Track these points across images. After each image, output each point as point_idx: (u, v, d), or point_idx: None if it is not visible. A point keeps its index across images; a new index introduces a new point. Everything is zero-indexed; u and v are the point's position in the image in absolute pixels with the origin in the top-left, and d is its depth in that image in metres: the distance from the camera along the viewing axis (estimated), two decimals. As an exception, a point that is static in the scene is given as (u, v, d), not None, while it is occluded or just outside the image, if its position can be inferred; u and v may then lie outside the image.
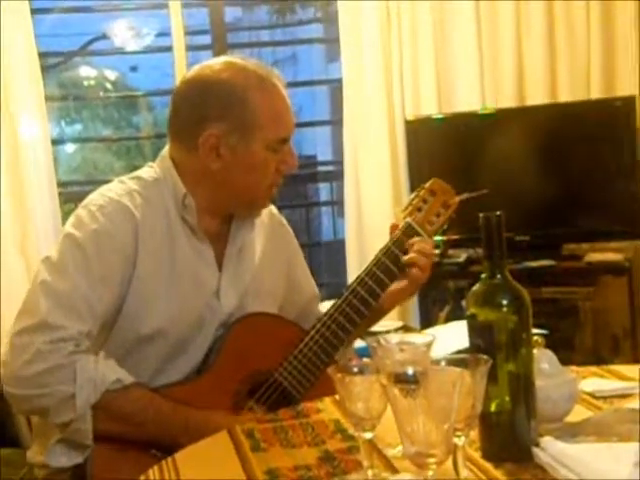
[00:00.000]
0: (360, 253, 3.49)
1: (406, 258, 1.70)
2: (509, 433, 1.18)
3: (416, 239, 1.71)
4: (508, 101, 3.47)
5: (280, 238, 1.84)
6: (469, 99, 3.46)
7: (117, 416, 1.52)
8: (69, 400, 1.48)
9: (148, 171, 1.69)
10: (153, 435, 1.53)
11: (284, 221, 1.88)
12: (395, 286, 1.73)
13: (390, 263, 1.70)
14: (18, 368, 1.49)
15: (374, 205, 3.48)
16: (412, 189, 3.38)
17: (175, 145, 1.67)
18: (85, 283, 1.53)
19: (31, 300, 1.53)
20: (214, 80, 1.62)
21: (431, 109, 3.46)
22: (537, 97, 3.45)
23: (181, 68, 3.51)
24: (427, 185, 1.77)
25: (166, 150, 1.70)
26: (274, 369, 1.65)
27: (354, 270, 3.48)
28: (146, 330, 1.59)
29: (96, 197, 1.62)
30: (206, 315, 1.65)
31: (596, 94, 3.41)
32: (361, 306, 1.68)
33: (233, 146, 1.61)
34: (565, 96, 3.44)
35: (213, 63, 1.66)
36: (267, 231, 1.80)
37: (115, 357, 1.57)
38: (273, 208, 1.86)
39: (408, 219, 1.73)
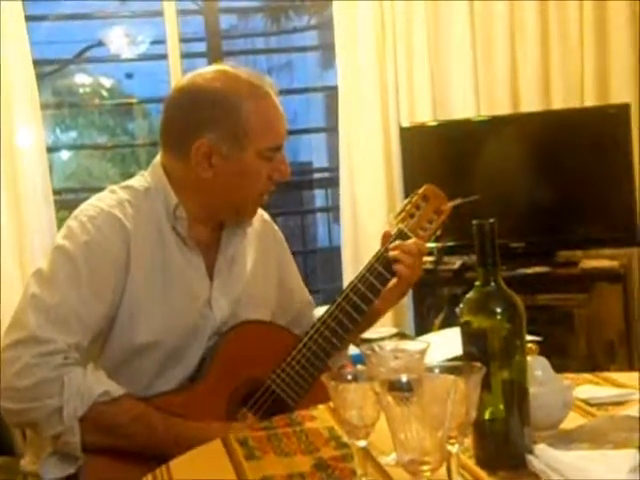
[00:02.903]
0: (356, 259, 3.48)
1: (391, 254, 1.69)
2: (503, 440, 1.18)
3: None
4: (502, 108, 3.47)
5: (272, 245, 1.84)
6: (463, 106, 3.47)
7: (107, 428, 1.51)
8: (57, 413, 1.47)
9: (139, 180, 1.69)
10: (143, 447, 1.52)
11: (276, 228, 1.88)
12: (389, 285, 1.72)
13: (382, 269, 1.70)
14: (7, 382, 1.48)
15: (369, 211, 3.48)
16: (407, 195, 3.35)
17: (167, 153, 1.67)
18: (75, 296, 1.52)
19: (20, 313, 1.53)
20: (206, 89, 1.61)
21: (426, 116, 3.46)
22: (531, 104, 3.46)
23: (176, 75, 3.51)
24: (420, 191, 1.77)
25: (158, 159, 1.69)
26: (267, 376, 1.65)
27: (350, 276, 3.45)
28: (140, 340, 1.58)
29: (87, 208, 1.62)
30: (199, 324, 1.64)
31: (590, 101, 3.41)
32: (354, 312, 1.68)
33: (225, 155, 1.60)
34: (559, 103, 3.45)
35: (205, 71, 1.66)
36: (259, 238, 1.80)
37: (110, 368, 1.57)
38: (265, 215, 1.85)
39: (400, 225, 1.73)
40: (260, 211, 1.80)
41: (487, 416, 1.17)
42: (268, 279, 1.80)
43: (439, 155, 3.36)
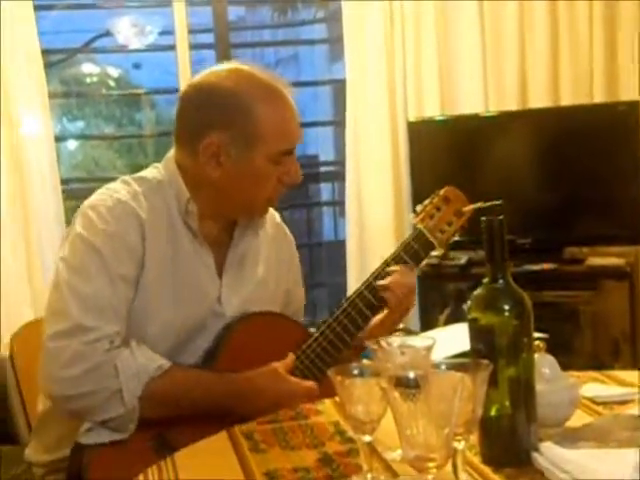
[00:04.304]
0: (361, 253, 3.49)
1: (380, 283, 1.69)
2: (509, 438, 1.18)
3: (396, 268, 1.70)
4: (511, 104, 3.47)
5: (284, 250, 1.84)
6: (472, 101, 3.47)
7: (166, 400, 1.53)
8: (115, 395, 1.49)
9: (152, 172, 1.68)
10: (205, 410, 1.53)
11: (287, 231, 1.87)
12: (379, 316, 1.72)
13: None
14: (57, 371, 1.49)
15: (375, 206, 3.48)
16: (414, 190, 3.39)
17: (179, 148, 1.66)
18: (107, 285, 1.53)
19: (59, 303, 1.53)
20: (218, 87, 1.60)
21: (434, 111, 3.46)
22: (540, 100, 3.45)
23: (184, 66, 3.51)
24: (441, 192, 1.76)
25: (172, 152, 1.69)
26: None
27: (354, 270, 3.48)
28: (150, 332, 1.58)
29: (103, 198, 1.61)
30: (209, 319, 1.65)
31: (599, 98, 3.41)
32: (367, 310, 1.69)
33: (234, 156, 1.59)
34: (568, 100, 3.44)
35: (220, 69, 1.64)
36: (273, 242, 1.79)
37: None
38: (277, 217, 1.84)
39: (419, 225, 1.73)
40: (273, 213, 1.80)
41: (493, 413, 1.17)
42: (280, 282, 1.80)
43: (446, 150, 3.36)
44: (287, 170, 1.63)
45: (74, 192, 3.86)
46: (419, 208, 1.76)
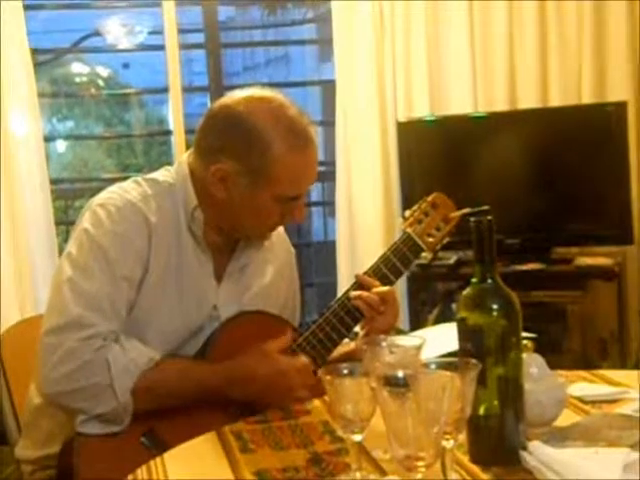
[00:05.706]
0: (351, 254, 3.49)
1: (353, 302, 1.69)
2: (497, 437, 1.19)
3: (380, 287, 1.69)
4: (500, 105, 3.47)
5: (286, 262, 1.84)
6: (461, 102, 3.47)
7: (157, 393, 1.53)
8: (107, 390, 1.49)
9: (164, 174, 1.67)
10: (197, 399, 1.54)
11: (290, 245, 1.88)
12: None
13: (387, 270, 1.71)
14: (50, 369, 1.50)
15: (365, 206, 3.48)
16: (403, 190, 3.40)
17: (195, 157, 1.65)
18: (109, 285, 1.53)
19: (59, 299, 1.53)
20: (244, 119, 1.57)
21: (423, 111, 3.46)
22: (529, 101, 3.46)
23: (174, 66, 3.51)
24: (429, 198, 1.77)
25: (186, 156, 1.68)
26: None
27: (344, 271, 3.49)
28: (148, 335, 1.58)
29: (113, 197, 1.60)
30: (206, 324, 1.65)
31: (587, 99, 3.42)
32: (355, 311, 1.69)
33: (241, 186, 1.58)
34: (556, 100, 3.45)
35: (250, 98, 1.60)
36: (275, 253, 1.79)
37: None
38: (282, 230, 1.82)
39: (408, 230, 1.74)
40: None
41: (482, 412, 1.17)
42: (279, 294, 1.80)
43: (436, 150, 3.36)
44: (291, 211, 1.63)
45: (63, 192, 3.86)
46: (408, 213, 1.77)
